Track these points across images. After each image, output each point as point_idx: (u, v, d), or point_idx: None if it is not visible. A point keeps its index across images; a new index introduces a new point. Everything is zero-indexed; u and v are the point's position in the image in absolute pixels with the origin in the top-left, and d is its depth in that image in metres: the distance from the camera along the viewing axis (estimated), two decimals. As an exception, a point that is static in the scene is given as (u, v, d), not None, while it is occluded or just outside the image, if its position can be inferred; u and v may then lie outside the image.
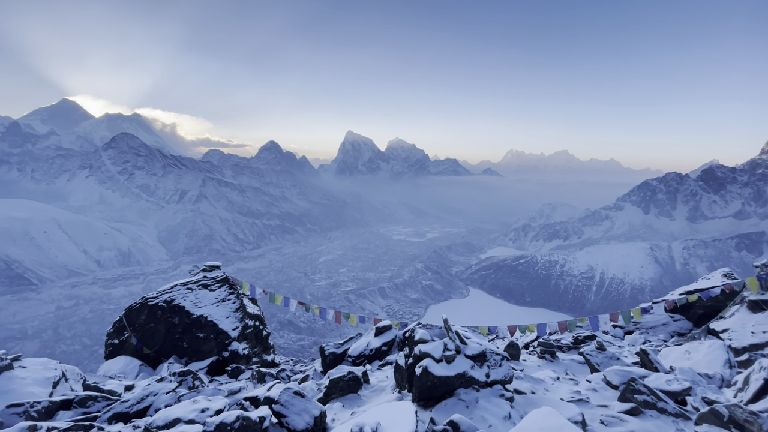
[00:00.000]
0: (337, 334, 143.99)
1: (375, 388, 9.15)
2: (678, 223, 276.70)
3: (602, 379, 8.38)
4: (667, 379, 7.46)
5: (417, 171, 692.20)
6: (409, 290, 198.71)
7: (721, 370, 8.90)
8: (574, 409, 6.18)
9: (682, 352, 10.13)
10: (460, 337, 7.31)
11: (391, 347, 14.21)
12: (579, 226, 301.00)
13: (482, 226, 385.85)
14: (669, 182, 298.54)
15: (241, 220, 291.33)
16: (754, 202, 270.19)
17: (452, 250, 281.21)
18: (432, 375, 6.48)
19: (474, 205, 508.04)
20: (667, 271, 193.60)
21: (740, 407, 5.82)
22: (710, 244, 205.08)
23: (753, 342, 11.73)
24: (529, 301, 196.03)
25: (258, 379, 13.46)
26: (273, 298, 18.90)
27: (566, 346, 14.44)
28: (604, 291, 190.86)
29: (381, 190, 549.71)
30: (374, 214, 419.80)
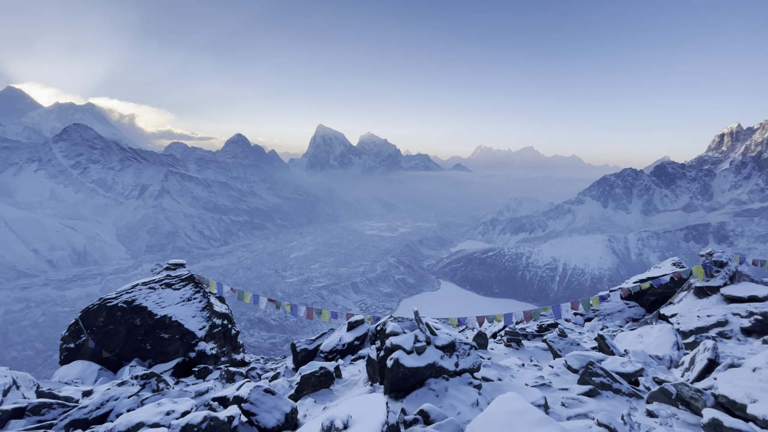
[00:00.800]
0: (309, 330, 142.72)
1: (347, 382, 9.18)
2: (633, 216, 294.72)
3: (564, 364, 8.84)
4: (621, 362, 7.97)
5: (389, 166, 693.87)
6: (382, 284, 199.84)
7: (670, 351, 9.61)
8: (537, 394, 6.49)
9: (636, 336, 10.85)
10: (431, 328, 7.45)
11: (364, 341, 14.28)
12: (543, 220, 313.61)
13: (453, 221, 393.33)
14: (625, 177, 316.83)
15: (207, 216, 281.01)
16: (700, 196, 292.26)
17: (424, 244, 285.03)
18: (403, 366, 6.58)
19: (445, 200, 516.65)
20: (623, 261, 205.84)
21: (686, 385, 6.32)
22: (662, 236, 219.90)
23: (699, 325, 12.74)
24: (497, 292, 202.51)
25: (227, 379, 13.15)
26: (242, 295, 18.45)
27: (531, 334, 15.07)
28: (567, 281, 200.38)
29: (353, 185, 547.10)
30: (346, 209, 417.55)
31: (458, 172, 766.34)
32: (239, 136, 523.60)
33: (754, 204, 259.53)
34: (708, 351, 7.51)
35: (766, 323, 11.52)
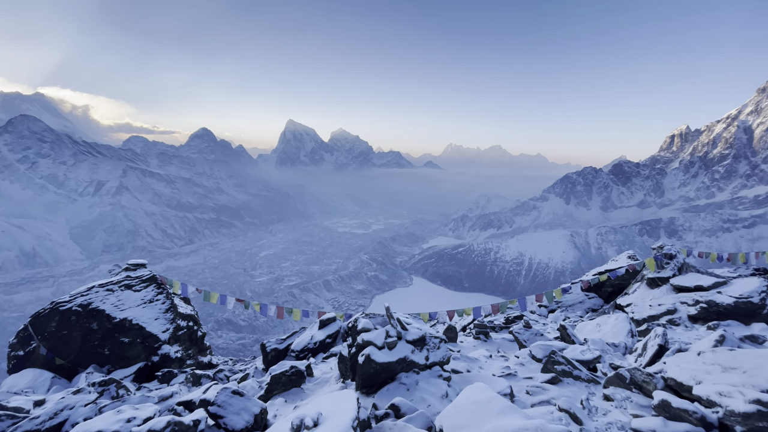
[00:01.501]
0: (280, 330, 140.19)
1: (319, 380, 9.12)
2: (593, 212, 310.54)
3: (528, 354, 9.22)
4: (581, 350, 8.42)
5: (361, 163, 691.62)
6: (355, 282, 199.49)
7: (625, 339, 10.25)
8: (503, 383, 6.74)
9: (594, 325, 11.48)
10: (402, 323, 7.54)
11: (336, 339, 14.23)
12: (510, 216, 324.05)
13: (424, 217, 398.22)
14: (586, 176, 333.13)
15: (170, 213, 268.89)
16: (653, 193, 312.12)
17: (396, 240, 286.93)
18: (374, 362, 6.62)
19: (417, 197, 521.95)
20: (584, 254, 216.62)
21: (639, 370, 6.76)
22: (619, 231, 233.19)
23: (651, 314, 13.65)
24: (467, 287, 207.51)
25: (193, 382, 12.72)
26: (208, 296, 17.86)
27: (499, 326, 15.59)
28: (532, 274, 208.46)
29: (325, 182, 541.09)
30: (318, 206, 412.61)
31: (430, 170, 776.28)
32: (204, 130, 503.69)
33: (700, 201, 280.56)
34: (658, 337, 8.07)
35: (710, 311, 12.52)
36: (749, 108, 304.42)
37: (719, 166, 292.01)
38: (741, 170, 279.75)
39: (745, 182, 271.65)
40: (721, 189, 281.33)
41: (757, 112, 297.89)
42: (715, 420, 4.91)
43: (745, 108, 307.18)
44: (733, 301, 12.07)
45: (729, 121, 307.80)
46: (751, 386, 5.08)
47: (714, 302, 12.43)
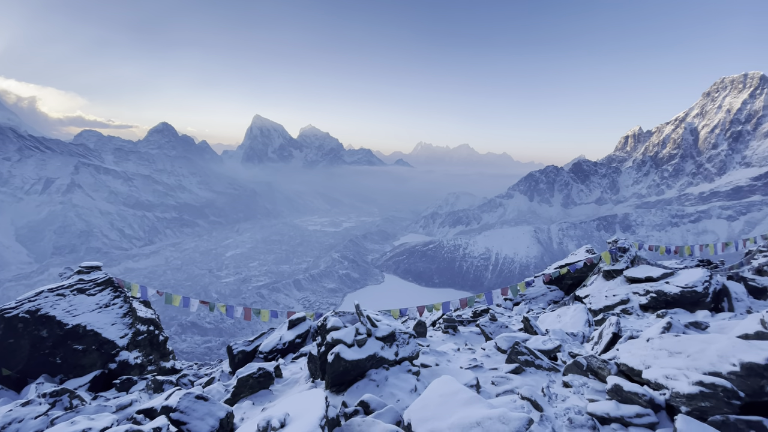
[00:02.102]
0: (248, 332, 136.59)
1: (288, 381, 8.99)
2: (555, 208, 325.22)
3: (494, 345, 9.53)
4: (543, 340, 8.81)
5: (332, 160, 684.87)
6: (326, 280, 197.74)
7: (583, 328, 10.83)
8: (470, 375, 6.93)
9: (555, 316, 12.04)
10: (371, 320, 7.57)
11: (306, 339, 14.05)
12: (478, 213, 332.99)
13: (396, 215, 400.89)
14: (548, 174, 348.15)
15: (127, 212, 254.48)
16: (609, 191, 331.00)
17: (368, 238, 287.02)
18: (344, 360, 6.61)
19: (388, 195, 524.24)
20: (547, 249, 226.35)
21: (595, 357, 7.17)
22: (578, 226, 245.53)
23: (606, 304, 14.49)
24: (437, 283, 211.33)
25: (154, 389, 12.17)
26: (170, 299, 17.09)
27: (467, 320, 15.99)
28: (499, 269, 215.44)
29: (294, 179, 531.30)
30: (287, 204, 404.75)
31: (400, 168, 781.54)
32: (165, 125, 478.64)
33: (651, 197, 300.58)
34: (612, 326, 8.59)
35: (659, 300, 13.46)
36: (695, 111, 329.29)
37: (668, 165, 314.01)
38: (687, 169, 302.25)
39: (691, 180, 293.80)
40: (669, 186, 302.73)
41: (702, 114, 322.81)
42: (662, 401, 5.30)
43: (692, 111, 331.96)
44: (680, 291, 13.05)
45: (677, 123, 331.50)
46: (694, 369, 5.51)
47: (663, 292, 13.37)
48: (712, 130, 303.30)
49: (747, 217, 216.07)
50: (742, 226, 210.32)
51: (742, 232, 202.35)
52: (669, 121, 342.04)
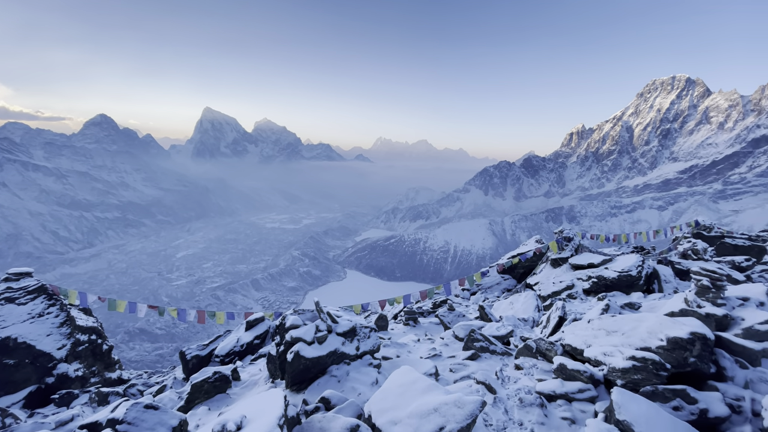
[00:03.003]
0: (204, 336, 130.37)
1: (247, 383, 8.73)
2: (508, 202, 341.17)
3: (452, 334, 9.87)
4: (497, 327, 9.26)
5: (289, 155, 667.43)
6: (286, 279, 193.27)
7: (533, 314, 11.52)
8: (429, 364, 7.14)
9: (508, 303, 12.69)
10: (332, 317, 7.54)
11: (265, 339, 13.69)
12: (437, 207, 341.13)
13: (357, 210, 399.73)
14: (501, 169, 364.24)
15: (62, 213, 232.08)
16: (557, 184, 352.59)
17: (329, 234, 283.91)
18: (303, 358, 6.54)
19: (348, 190, 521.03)
20: (501, 241, 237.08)
21: (543, 340, 7.65)
22: (529, 218, 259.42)
23: (554, 290, 15.47)
24: (399, 276, 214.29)
25: (99, 402, 11.35)
26: (114, 305, 15.91)
27: (427, 311, 16.40)
28: (457, 261, 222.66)
29: (250, 175, 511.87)
30: (243, 201, 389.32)
31: (360, 163, 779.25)
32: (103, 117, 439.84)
33: (593, 190, 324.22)
34: (558, 310, 9.21)
35: (600, 284, 14.60)
36: (630, 110, 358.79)
37: (607, 160, 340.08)
38: (624, 164, 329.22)
39: (627, 174, 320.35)
40: (609, 180, 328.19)
41: (636, 113, 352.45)
42: (601, 377, 5.79)
43: (628, 110, 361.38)
44: (617, 275, 14.25)
45: (615, 121, 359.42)
46: (628, 345, 6.06)
47: (603, 277, 14.53)
48: (645, 128, 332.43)
49: (674, 206, 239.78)
50: (670, 215, 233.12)
51: (671, 220, 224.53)
52: (608, 119, 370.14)
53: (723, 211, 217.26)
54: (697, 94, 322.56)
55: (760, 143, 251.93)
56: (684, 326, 5.52)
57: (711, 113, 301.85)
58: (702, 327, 5.48)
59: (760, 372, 5.55)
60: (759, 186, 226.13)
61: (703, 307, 7.21)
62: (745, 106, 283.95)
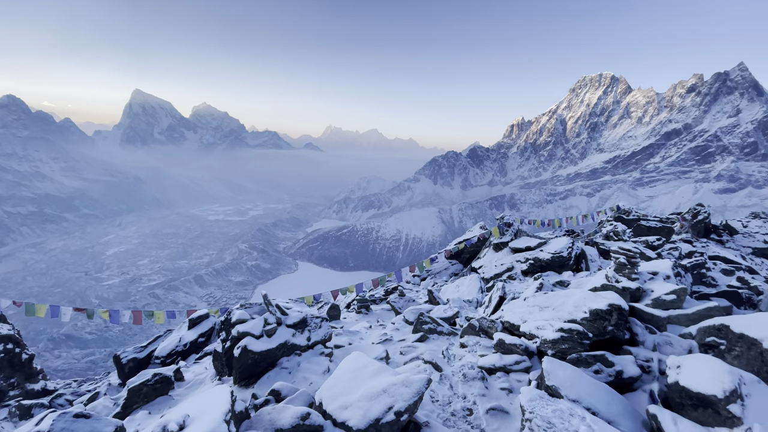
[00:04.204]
0: (143, 338, 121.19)
1: (191, 383, 8.35)
2: (455, 190, 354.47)
3: (403, 319, 10.19)
4: (444, 309, 9.72)
5: (233, 142, 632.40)
6: (233, 273, 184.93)
7: (477, 295, 12.22)
8: (380, 349, 7.34)
9: (455, 286, 13.34)
10: (281, 309, 7.42)
11: (211, 337, 13.12)
12: (389, 197, 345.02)
13: (307, 201, 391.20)
14: (449, 159, 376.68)
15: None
16: (499, 174, 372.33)
17: (278, 226, 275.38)
18: (252, 352, 6.40)
19: (298, 180, 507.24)
20: (449, 228, 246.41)
21: (485, 318, 8.18)
22: (475, 206, 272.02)
23: (496, 272, 16.48)
24: (352, 266, 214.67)
25: (20, 416, 10.26)
26: (32, 309, 14.26)
27: (379, 299, 16.71)
28: (409, 249, 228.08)
29: (188, 164, 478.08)
30: (181, 192, 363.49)
31: (310, 152, 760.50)
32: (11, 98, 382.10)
33: (531, 179, 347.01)
34: (499, 291, 9.87)
35: (536, 265, 15.81)
36: (564, 104, 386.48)
37: (544, 151, 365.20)
38: (558, 154, 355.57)
39: (561, 164, 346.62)
40: (545, 169, 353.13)
41: (569, 107, 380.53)
42: (534, 348, 6.35)
43: (562, 104, 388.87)
44: (550, 256, 15.52)
45: (550, 115, 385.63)
46: (558, 319, 6.68)
47: (538, 258, 15.75)
48: (576, 121, 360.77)
49: (601, 193, 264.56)
50: (597, 201, 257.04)
51: (597, 206, 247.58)
52: (545, 112, 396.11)
53: (640, 196, 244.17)
54: (620, 91, 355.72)
55: (671, 136, 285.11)
56: (604, 299, 6.21)
57: (631, 109, 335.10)
58: (618, 299, 6.21)
59: (665, 336, 6.42)
60: (670, 174, 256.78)
61: (620, 282, 8.15)
62: (659, 103, 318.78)
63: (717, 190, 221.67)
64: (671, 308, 7.47)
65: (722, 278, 13.49)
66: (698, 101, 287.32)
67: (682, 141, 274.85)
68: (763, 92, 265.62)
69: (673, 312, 7.04)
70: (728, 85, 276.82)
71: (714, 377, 4.13)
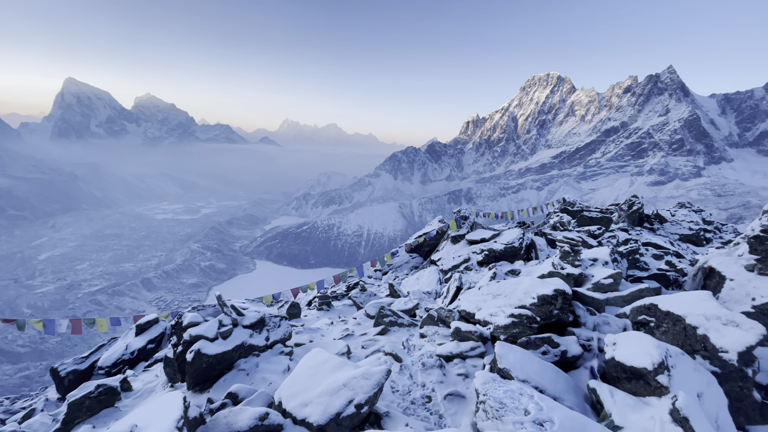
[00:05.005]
0: (85, 347, 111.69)
1: (141, 392, 7.87)
2: (415, 185, 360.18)
3: (364, 313, 10.25)
4: (404, 301, 9.91)
5: (181, 136, 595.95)
6: (185, 275, 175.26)
7: (436, 287, 12.56)
8: (341, 344, 7.35)
9: (414, 279, 13.62)
10: (237, 309, 7.18)
11: (162, 342, 12.41)
12: (350, 192, 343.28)
13: (265, 197, 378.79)
14: (409, 154, 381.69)
15: None
16: (456, 169, 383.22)
17: (234, 224, 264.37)
18: (206, 356, 6.14)
19: (254, 176, 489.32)
20: (410, 222, 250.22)
21: (443, 308, 8.44)
22: (434, 200, 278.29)
23: (453, 264, 17.01)
24: (313, 263, 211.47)
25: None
26: (-54, 323, 12.64)
27: (341, 295, 16.65)
28: (371, 244, 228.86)
29: (131, 160, 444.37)
30: (124, 189, 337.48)
31: (266, 146, 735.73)
32: None
33: (486, 174, 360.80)
34: (456, 281, 10.22)
35: (490, 256, 16.52)
36: (515, 102, 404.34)
37: (497, 147, 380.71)
38: (510, 150, 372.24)
39: (513, 159, 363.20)
40: (498, 164, 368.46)
41: (520, 105, 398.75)
42: (488, 334, 6.66)
43: (513, 102, 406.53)
44: (503, 247, 16.29)
45: (503, 112, 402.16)
46: (509, 305, 7.05)
47: (492, 249, 16.47)
48: (526, 119, 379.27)
49: (549, 187, 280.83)
50: (546, 194, 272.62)
51: (546, 198, 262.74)
52: (498, 109, 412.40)
53: (584, 189, 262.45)
54: (565, 90, 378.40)
55: (610, 133, 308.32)
56: (550, 285, 6.64)
57: (576, 107, 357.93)
58: (563, 284, 6.67)
59: (604, 317, 7.00)
60: (609, 168, 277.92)
61: (565, 269, 8.75)
62: (600, 102, 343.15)
63: (649, 183, 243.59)
64: (609, 291, 8.16)
65: (653, 262, 14.91)
66: (633, 101, 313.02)
67: (620, 138, 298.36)
68: (689, 93, 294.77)
69: (610, 294, 7.70)
70: (659, 87, 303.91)
71: (644, 352, 4.58)
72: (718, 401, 4.32)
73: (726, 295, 7.58)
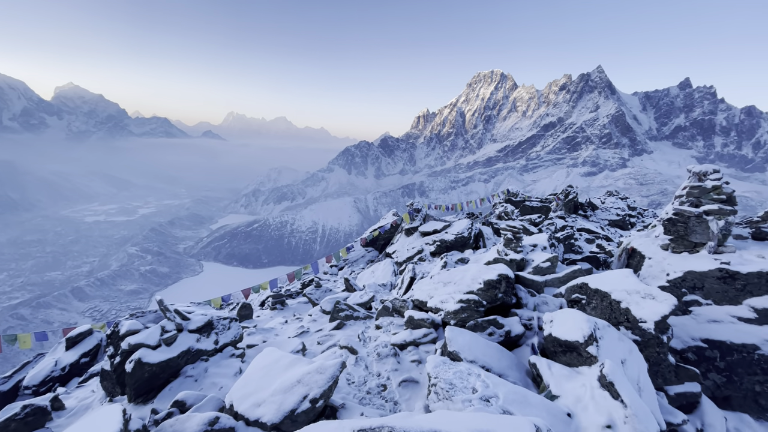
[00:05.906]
0: (8, 366, 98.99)
1: (75, 410, 7.20)
2: (369, 180, 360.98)
3: (319, 309, 10.18)
4: (360, 295, 9.97)
5: (111, 130, 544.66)
6: (123, 282, 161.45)
7: (391, 279, 12.78)
8: (296, 342, 7.25)
9: (370, 272, 13.74)
10: (181, 314, 6.80)
11: (97, 355, 11.41)
12: (302, 188, 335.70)
13: (210, 195, 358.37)
14: (362, 148, 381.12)
15: None
16: (409, 163, 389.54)
17: (176, 224, 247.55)
18: (148, 365, 5.77)
19: (197, 172, 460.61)
20: (365, 217, 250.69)
21: (397, 299, 8.62)
22: (388, 194, 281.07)
23: (408, 256, 17.38)
24: (266, 263, 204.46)
25: None
26: None
27: (295, 293, 16.34)
28: (326, 240, 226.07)
29: (53, 156, 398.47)
30: (46, 190, 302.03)
31: (210, 140, 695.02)
32: None
33: (438, 167, 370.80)
34: (409, 272, 10.47)
35: (442, 246, 17.09)
36: (463, 98, 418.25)
37: (447, 141, 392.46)
38: (459, 144, 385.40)
39: (462, 153, 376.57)
40: (449, 158, 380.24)
41: (467, 101, 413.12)
42: (439, 320, 6.94)
43: (461, 98, 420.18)
44: (454, 238, 16.93)
45: (452, 107, 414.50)
46: (458, 292, 7.38)
47: (444, 240, 17.06)
48: (473, 114, 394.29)
49: (495, 179, 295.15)
50: (492, 186, 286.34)
51: (493, 190, 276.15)
52: (447, 105, 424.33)
53: (526, 181, 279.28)
54: (508, 87, 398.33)
55: (548, 128, 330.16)
56: (494, 271, 7.05)
57: (518, 103, 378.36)
58: (506, 269, 7.11)
59: (543, 297, 7.56)
60: (548, 161, 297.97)
61: (508, 255, 9.31)
62: (539, 99, 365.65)
63: (583, 174, 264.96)
64: (547, 273, 8.83)
65: (586, 246, 16.31)
66: (568, 98, 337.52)
67: (557, 132, 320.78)
68: (615, 91, 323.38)
69: (548, 276, 8.34)
70: (590, 85, 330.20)
71: (576, 326, 5.04)
72: (639, 366, 4.88)
73: (645, 272, 8.55)
